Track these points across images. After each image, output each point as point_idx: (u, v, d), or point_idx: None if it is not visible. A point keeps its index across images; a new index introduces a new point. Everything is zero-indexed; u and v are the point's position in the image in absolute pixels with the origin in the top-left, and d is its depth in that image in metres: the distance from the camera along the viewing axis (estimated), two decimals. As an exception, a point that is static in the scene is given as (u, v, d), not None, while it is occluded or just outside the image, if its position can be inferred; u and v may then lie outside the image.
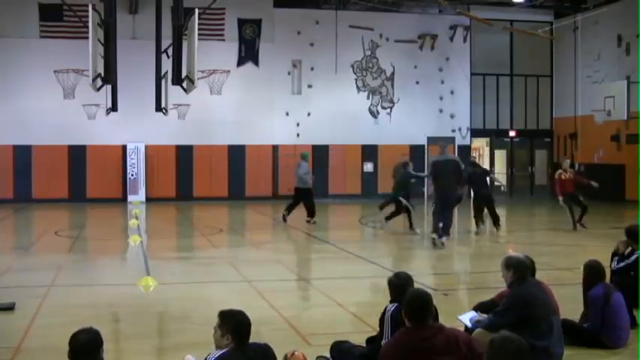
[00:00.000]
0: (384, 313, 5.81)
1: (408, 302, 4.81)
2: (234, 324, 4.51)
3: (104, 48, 10.17)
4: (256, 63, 25.95)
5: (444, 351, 4.66)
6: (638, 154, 22.13)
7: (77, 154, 24.86)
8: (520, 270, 6.06)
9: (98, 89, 10.39)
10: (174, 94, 15.75)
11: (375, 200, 21.36)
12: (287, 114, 26.26)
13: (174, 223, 20.67)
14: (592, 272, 7.16)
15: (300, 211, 19.24)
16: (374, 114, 27.29)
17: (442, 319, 5.44)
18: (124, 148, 24.95)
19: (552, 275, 9.88)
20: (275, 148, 26.24)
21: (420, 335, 4.70)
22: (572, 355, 6.53)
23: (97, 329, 4.37)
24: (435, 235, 13.85)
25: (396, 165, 17.72)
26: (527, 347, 4.16)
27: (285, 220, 18.37)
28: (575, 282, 8.13)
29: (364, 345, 6.24)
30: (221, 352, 4.46)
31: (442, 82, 27.67)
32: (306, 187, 18.55)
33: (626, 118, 23.05)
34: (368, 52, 27.14)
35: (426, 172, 15.48)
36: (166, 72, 11.55)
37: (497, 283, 7.83)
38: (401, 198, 16.29)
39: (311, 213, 18.40)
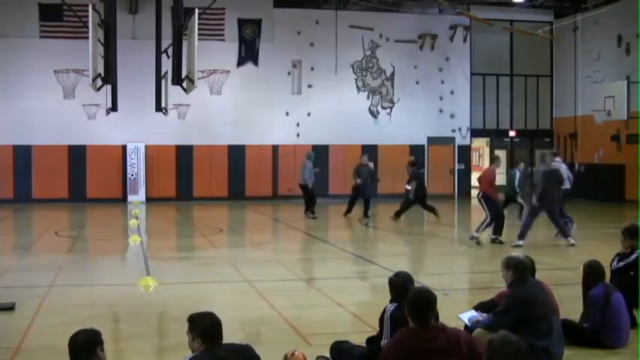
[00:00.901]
0: (383, 313, 5.82)
1: (411, 300, 4.78)
2: (201, 327, 4.50)
3: (104, 48, 10.17)
4: (256, 63, 25.93)
5: (445, 352, 4.63)
6: (638, 154, 22.12)
7: (77, 154, 24.85)
8: (520, 270, 6.06)
9: (98, 89, 10.40)
10: (174, 94, 15.75)
11: (376, 200, 21.35)
12: (287, 114, 26.25)
13: (175, 223, 20.66)
14: (592, 272, 7.16)
15: (298, 212, 19.28)
16: (374, 114, 27.28)
17: (442, 319, 5.42)
18: (124, 148, 24.94)
19: (552, 275, 9.88)
20: (275, 148, 26.24)
21: (421, 336, 4.68)
22: (572, 355, 6.52)
23: (97, 329, 4.38)
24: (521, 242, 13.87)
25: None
26: (526, 348, 4.15)
27: (314, 217, 19.30)
28: (575, 282, 8.13)
29: (364, 345, 6.24)
30: (190, 357, 4.44)
31: (442, 82, 27.66)
32: (304, 183, 19.51)
33: (626, 118, 23.03)
34: (368, 52, 27.13)
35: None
36: (166, 72, 11.56)
37: (497, 283, 7.82)
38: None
39: (307, 206, 19.54)
